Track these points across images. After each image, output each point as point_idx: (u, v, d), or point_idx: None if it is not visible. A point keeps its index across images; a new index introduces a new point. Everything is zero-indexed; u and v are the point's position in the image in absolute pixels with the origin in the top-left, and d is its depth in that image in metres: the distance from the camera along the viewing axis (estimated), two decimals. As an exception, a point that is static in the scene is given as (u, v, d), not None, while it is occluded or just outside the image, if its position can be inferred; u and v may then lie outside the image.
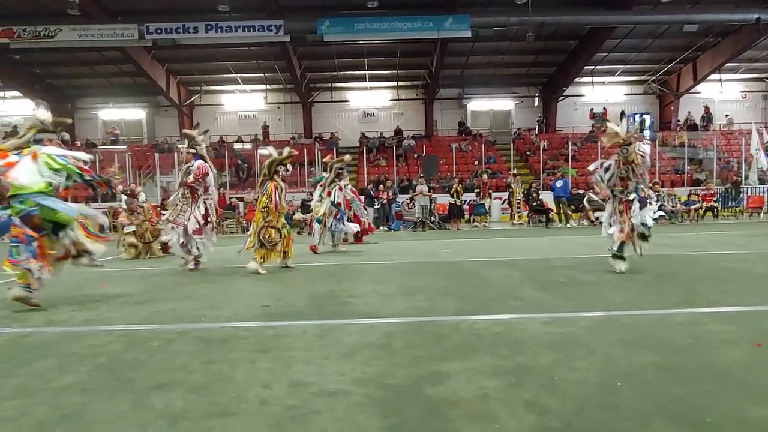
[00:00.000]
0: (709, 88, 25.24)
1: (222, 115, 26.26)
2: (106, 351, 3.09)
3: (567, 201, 14.99)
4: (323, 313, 4.02)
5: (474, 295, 4.59)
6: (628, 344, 2.94)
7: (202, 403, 2.26)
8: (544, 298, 4.33)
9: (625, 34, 20.68)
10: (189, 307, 4.39)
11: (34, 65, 22.42)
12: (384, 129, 24.75)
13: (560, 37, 21.18)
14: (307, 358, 2.84)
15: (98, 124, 25.97)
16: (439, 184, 18.35)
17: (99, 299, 4.85)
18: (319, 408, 2.17)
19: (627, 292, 4.52)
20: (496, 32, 19.55)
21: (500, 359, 2.73)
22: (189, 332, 3.50)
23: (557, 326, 3.38)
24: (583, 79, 24.67)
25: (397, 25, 17.70)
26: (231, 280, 5.89)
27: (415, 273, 6.02)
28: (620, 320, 3.54)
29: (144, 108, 25.84)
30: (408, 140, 23.29)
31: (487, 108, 26.46)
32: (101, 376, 2.64)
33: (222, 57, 21.82)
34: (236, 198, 17.61)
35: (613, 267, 5.55)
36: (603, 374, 2.47)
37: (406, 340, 3.15)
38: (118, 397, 2.34)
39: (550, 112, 25.44)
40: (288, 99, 25.47)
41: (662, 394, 2.22)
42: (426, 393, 2.30)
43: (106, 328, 3.70)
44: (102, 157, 20.39)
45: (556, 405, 2.12)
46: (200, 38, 17.68)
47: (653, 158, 20.30)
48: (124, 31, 17.45)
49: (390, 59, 22.57)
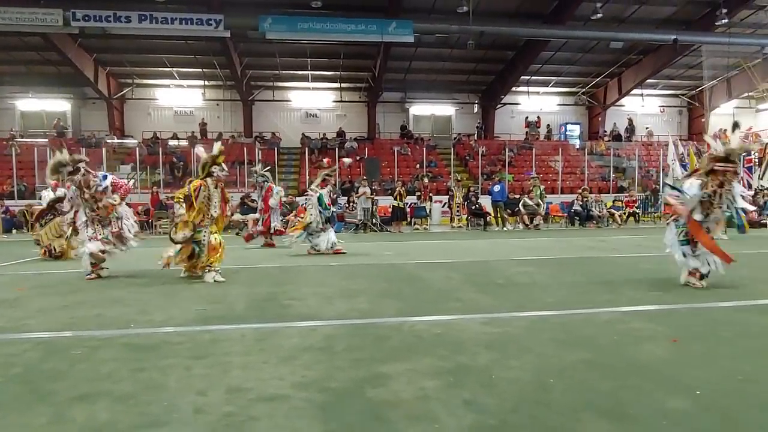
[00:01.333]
0: (632, 101, 27.11)
1: (156, 110, 25.06)
2: (22, 360, 2.85)
3: (504, 205, 15.54)
4: (263, 316, 3.92)
5: (415, 296, 4.64)
6: (560, 343, 3.08)
7: (130, 413, 2.13)
8: (482, 300, 4.46)
9: (559, 48, 21.84)
10: (116, 311, 4.13)
11: (-60, 47, 20.40)
12: (326, 130, 24.59)
13: (499, 47, 21.98)
14: (246, 363, 2.75)
15: (16, 115, 24.00)
16: (381, 186, 18.46)
17: (14, 304, 4.47)
18: (257, 414, 2.10)
19: (558, 293, 4.74)
20: (438, 39, 19.99)
21: (440, 360, 2.77)
22: (116, 339, 3.29)
23: (494, 326, 3.49)
24: (520, 88, 25.74)
25: (341, 26, 17.66)
26: (164, 283, 5.61)
27: (357, 275, 6.00)
28: (552, 320, 3.71)
29: (69, 99, 24.15)
30: (350, 142, 23.27)
31: (429, 113, 26.96)
32: (16, 388, 2.43)
33: (157, 49, 20.83)
34: (170, 197, 16.82)
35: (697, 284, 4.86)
36: (537, 372, 2.57)
37: (347, 343, 3.13)
38: (34, 411, 2.16)
39: (489, 119, 26.35)
40: (228, 96, 24.71)
41: (591, 389, 2.35)
42: (367, 395, 2.30)
43: (23, 335, 3.41)
44: (20, 151, 18.90)
45: (494, 403, 2.18)
46: (133, 28, 16.77)
47: (581, 166, 21.57)
48: (47, 16, 16.21)
49: (333, 60, 22.48)
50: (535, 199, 15.28)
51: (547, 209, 16.48)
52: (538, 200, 15.34)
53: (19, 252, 9.18)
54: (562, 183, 20.59)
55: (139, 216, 15.41)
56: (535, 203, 15.23)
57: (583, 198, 15.94)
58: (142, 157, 19.76)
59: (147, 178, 19.25)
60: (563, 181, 20.76)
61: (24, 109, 24.18)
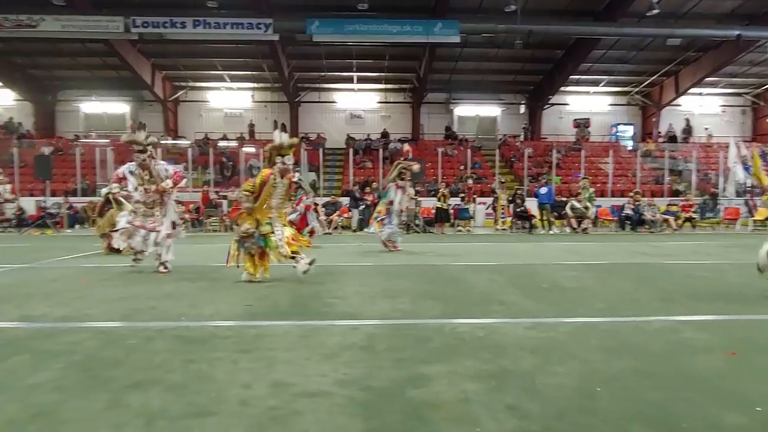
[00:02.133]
0: (690, 101, 25.79)
1: (207, 112, 25.96)
2: (83, 348, 3.03)
3: (550, 208, 15.15)
4: (306, 313, 4.00)
5: (457, 298, 4.60)
6: (608, 350, 2.98)
7: (181, 402, 2.22)
8: (527, 304, 4.37)
9: (610, 46, 21.06)
10: (169, 305, 4.32)
11: (15, 55, 21.91)
12: (371, 131, 24.74)
13: (547, 46, 21.45)
14: (289, 359, 2.82)
15: (80, 117, 25.48)
16: (424, 187, 18.40)
17: (77, 295, 4.75)
18: (300, 409, 2.15)
19: (607, 298, 4.58)
20: (484, 39, 19.72)
21: (482, 363, 2.74)
22: (168, 330, 3.44)
23: (539, 331, 3.41)
24: (569, 88, 25.01)
25: (387, 27, 17.73)
26: (213, 279, 5.81)
27: (399, 276, 6.02)
28: (600, 326, 3.59)
29: (128, 102, 25.41)
30: (394, 143, 23.32)
31: (474, 113, 26.65)
32: (76, 374, 2.58)
33: (209, 53, 21.60)
34: (220, 196, 17.41)
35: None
36: (582, 379, 2.50)
37: (389, 343, 3.15)
38: (93, 396, 2.29)
39: (536, 120, 25.75)
40: (275, 98, 25.31)
41: (640, 399, 2.26)
42: (408, 395, 2.30)
43: (83, 324, 3.62)
44: (83, 151, 20.04)
45: (537, 409, 2.14)
46: (188, 33, 17.46)
47: (633, 168, 20.74)
48: (109, 23, 17.14)
49: (378, 62, 22.60)
50: (583, 202, 14.80)
51: (596, 213, 15.94)
52: (587, 203, 14.84)
53: (82, 246, 9.74)
54: (613, 186, 19.84)
55: (191, 214, 16.06)
56: (583, 206, 14.74)
57: (635, 201, 15.31)
58: (193, 157, 20.53)
59: (198, 178, 19.98)
60: (614, 183, 20.01)
61: (87, 111, 25.64)
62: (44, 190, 17.22)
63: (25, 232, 14.73)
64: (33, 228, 15.13)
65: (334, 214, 15.39)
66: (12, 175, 17.97)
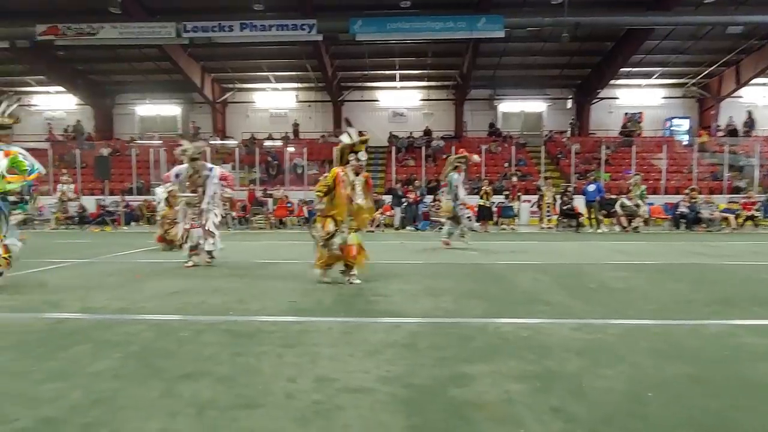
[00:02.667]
0: (752, 92, 24.22)
1: (254, 112, 26.64)
2: (139, 339, 3.19)
3: (599, 206, 14.65)
4: (350, 310, 4.05)
5: (501, 298, 4.54)
6: (659, 354, 2.87)
7: (229, 394, 2.30)
8: (573, 304, 4.25)
9: (665, 36, 20.08)
10: (218, 299, 4.48)
11: (77, 62, 23.22)
12: (413, 129, 24.68)
13: (596, 38, 20.71)
14: (333, 355, 2.86)
15: (135, 120, 26.74)
16: (467, 185, 18.19)
17: (133, 289, 5.00)
18: (343, 404, 2.18)
19: (659, 300, 4.40)
20: (529, 33, 19.27)
21: (526, 363, 2.70)
22: (217, 324, 3.57)
23: (586, 332, 3.32)
24: (619, 81, 24.04)
25: (430, 24, 17.63)
26: (259, 275, 5.98)
27: (442, 274, 5.99)
28: (651, 329, 3.45)
29: (179, 104, 26.45)
30: (437, 141, 23.18)
31: (519, 109, 26.10)
32: (133, 364, 2.72)
33: (255, 55, 22.15)
34: (266, 194, 17.86)
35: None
36: (632, 383, 2.41)
37: (431, 341, 3.14)
38: (148, 385, 2.41)
39: (584, 115, 24.92)
40: (319, 97, 25.68)
41: (694, 406, 2.16)
42: (450, 394, 2.29)
43: (139, 317, 3.81)
44: (138, 152, 21.03)
45: (583, 412, 2.09)
46: (235, 37, 18.00)
47: (689, 164, 19.73)
48: (162, 29, 17.91)
49: (421, 59, 22.50)
50: (634, 200, 14.22)
51: (648, 211, 15.30)
52: (638, 201, 14.25)
53: (137, 243, 10.22)
54: (666, 182, 18.95)
55: (238, 212, 16.56)
56: (634, 204, 14.17)
57: (691, 199, 14.58)
58: (240, 157, 21.15)
59: (245, 177, 20.56)
60: (667, 180, 19.10)
61: (142, 114, 26.88)
62: (103, 190, 18.19)
63: (87, 228, 15.62)
64: (93, 225, 16.03)
65: (376, 212, 15.49)
66: (74, 175, 19.11)
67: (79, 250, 8.79)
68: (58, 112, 26.65)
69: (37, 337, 3.26)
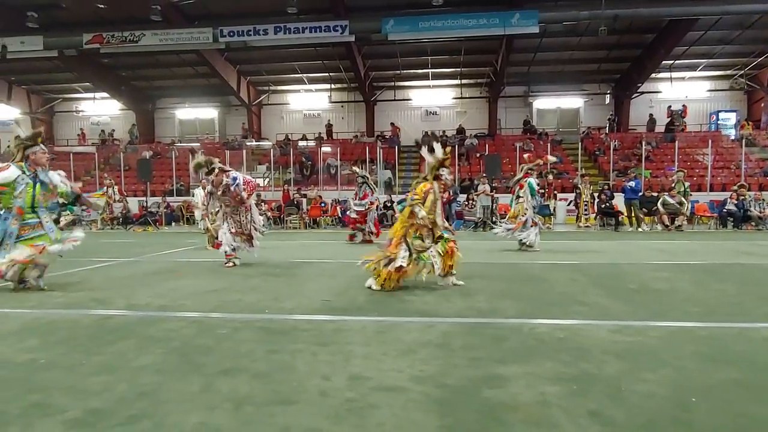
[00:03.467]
0: (807, 83, 22.97)
1: (288, 113, 27.07)
2: (179, 336, 3.29)
3: (639, 204, 14.19)
4: (383, 310, 4.06)
5: (536, 298, 4.46)
6: (705, 358, 2.76)
7: (266, 390, 2.35)
8: (612, 305, 4.14)
9: (710, 26, 19.23)
10: (254, 298, 4.57)
11: (120, 68, 24.17)
12: (446, 127, 24.55)
13: (636, 30, 20.05)
14: (366, 353, 2.88)
15: (175, 123, 27.61)
16: (501, 184, 17.95)
17: (174, 287, 5.17)
18: (376, 402, 2.19)
19: (705, 302, 4.23)
20: (565, 27, 18.82)
21: (562, 365, 2.64)
22: (254, 322, 3.65)
23: (625, 335, 3.22)
24: (660, 74, 23.22)
25: (462, 22, 17.47)
26: (294, 274, 6.07)
27: (475, 274, 5.92)
28: (696, 332, 3.32)
29: (216, 107, 27.15)
30: (470, 139, 22.96)
31: (555, 106, 25.55)
32: (175, 359, 2.82)
33: (289, 57, 22.49)
34: (300, 194, 18.10)
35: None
36: (676, 388, 2.33)
37: (465, 341, 3.12)
38: (189, 380, 2.49)
39: (623, 110, 24.15)
40: (351, 98, 25.86)
41: (743, 413, 2.07)
42: (484, 395, 2.27)
43: (180, 314, 3.94)
44: (178, 154, 21.70)
45: (623, 417, 2.03)
46: (270, 40, 18.32)
47: (737, 159, 18.84)
48: (200, 35, 18.43)
49: (454, 57, 22.33)
50: (677, 197, 13.70)
51: (692, 208, 14.70)
52: (681, 198, 13.72)
53: (177, 242, 10.56)
54: (712, 179, 18.16)
55: (273, 212, 16.86)
56: (677, 201, 13.65)
57: (739, 196, 13.93)
58: (275, 158, 21.52)
59: (279, 177, 20.92)
60: (713, 176, 18.30)
61: (182, 117, 27.74)
62: (145, 191, 18.85)
63: (130, 229, 16.23)
64: (136, 225, 16.65)
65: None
66: (119, 177, 19.89)
67: (123, 250, 9.14)
68: (103, 117, 27.82)
69: (86, 332, 3.41)
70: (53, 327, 3.56)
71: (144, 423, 2.02)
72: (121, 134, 26.93)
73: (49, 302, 4.43)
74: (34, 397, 2.28)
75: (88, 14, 18.79)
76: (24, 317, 3.85)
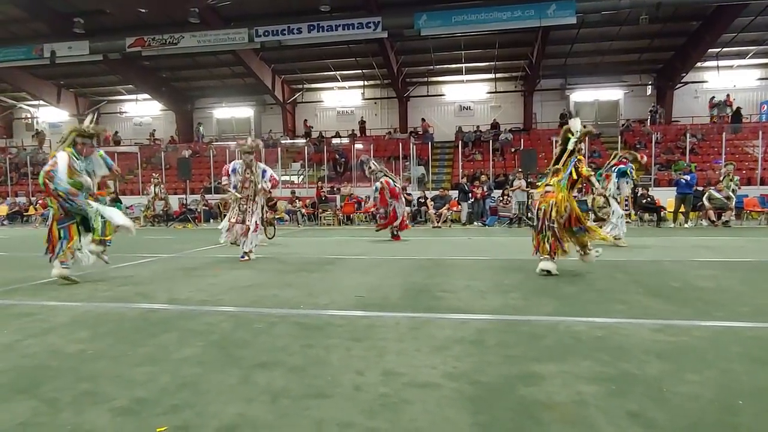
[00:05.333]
0: None
1: (322, 111, 27.33)
2: (218, 329, 3.39)
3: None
4: (416, 306, 4.06)
5: (573, 295, 4.36)
6: (754, 360, 2.64)
7: (301, 383, 2.39)
8: (653, 304, 4.01)
9: (760, 11, 18.25)
10: (289, 293, 4.66)
11: (161, 70, 24.97)
12: (480, 122, 24.24)
13: (680, 18, 19.25)
14: (400, 349, 2.89)
15: (213, 123, 28.31)
16: (537, 179, 17.61)
17: (213, 282, 5.32)
18: (410, 398, 2.20)
19: (753, 301, 4.04)
20: (603, 17, 18.24)
21: (601, 365, 2.58)
22: (289, 317, 3.72)
23: (668, 334, 3.12)
24: (707, 63, 22.23)
25: (496, 15, 17.19)
26: (328, 270, 6.15)
27: (511, 270, 5.85)
28: (744, 332, 3.18)
29: (252, 106, 27.69)
30: (505, 134, 22.61)
31: (593, 98, 24.85)
32: (214, 352, 2.90)
33: (323, 55, 22.70)
34: (336, 188, 18.28)
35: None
36: (721, 390, 2.24)
37: (500, 338, 3.09)
38: (227, 372, 2.56)
39: (666, 101, 23.25)
40: (384, 94, 25.87)
41: (795, 418, 1.97)
42: (519, 393, 2.25)
43: (219, 308, 4.05)
44: (215, 153, 22.26)
45: (664, 419, 1.97)
46: (303, 38, 18.54)
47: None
48: (236, 35, 18.84)
49: (488, 51, 22.02)
50: (725, 191, 13.09)
51: (740, 203, 14.03)
52: (729, 193, 13.11)
53: (215, 238, 10.84)
54: (763, 172, 17.28)
55: (307, 208, 17.08)
56: (725, 196, 13.05)
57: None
58: (309, 155, 21.78)
59: (314, 174, 21.17)
60: (764, 169, 17.42)
61: (219, 117, 28.43)
62: (185, 189, 19.43)
63: (171, 225, 16.77)
64: (177, 222, 17.19)
65: (443, 208, 15.38)
66: (160, 176, 20.57)
67: (165, 246, 9.47)
68: (145, 117, 28.82)
69: (131, 325, 3.56)
70: (101, 319, 3.73)
71: (186, 412, 2.09)
72: (162, 134, 27.81)
73: (97, 296, 4.63)
74: (83, 385, 2.40)
75: (131, 19, 19.48)
76: (74, 310, 4.05)
